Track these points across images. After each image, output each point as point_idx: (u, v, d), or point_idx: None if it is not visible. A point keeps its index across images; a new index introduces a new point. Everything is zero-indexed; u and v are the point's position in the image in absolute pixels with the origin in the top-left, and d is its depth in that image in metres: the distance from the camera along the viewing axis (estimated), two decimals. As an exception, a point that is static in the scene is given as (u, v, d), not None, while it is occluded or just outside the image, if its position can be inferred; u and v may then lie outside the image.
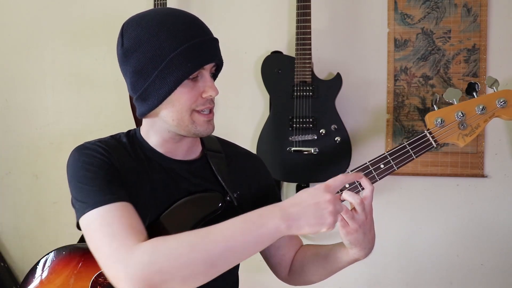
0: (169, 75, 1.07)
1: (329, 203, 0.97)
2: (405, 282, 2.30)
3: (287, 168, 2.19)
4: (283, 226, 0.95)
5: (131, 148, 1.19)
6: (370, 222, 1.11)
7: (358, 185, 1.10)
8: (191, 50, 1.07)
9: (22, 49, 2.61)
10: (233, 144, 1.36)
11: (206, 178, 1.22)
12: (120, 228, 0.99)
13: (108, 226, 1.00)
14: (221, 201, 1.18)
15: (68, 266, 1.16)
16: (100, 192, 1.04)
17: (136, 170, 1.15)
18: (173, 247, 0.95)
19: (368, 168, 1.13)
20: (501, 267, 2.21)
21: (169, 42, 1.07)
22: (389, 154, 1.13)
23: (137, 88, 1.12)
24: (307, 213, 0.96)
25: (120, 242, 0.97)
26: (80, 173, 1.07)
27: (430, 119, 1.16)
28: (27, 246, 2.69)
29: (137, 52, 1.09)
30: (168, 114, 1.13)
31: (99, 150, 1.11)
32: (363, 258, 1.17)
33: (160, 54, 1.07)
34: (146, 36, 1.08)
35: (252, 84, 2.37)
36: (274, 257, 1.35)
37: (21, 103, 2.63)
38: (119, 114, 2.45)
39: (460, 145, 1.17)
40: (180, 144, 1.20)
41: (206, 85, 1.12)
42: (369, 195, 1.08)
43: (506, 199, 2.19)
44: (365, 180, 1.09)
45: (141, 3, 2.45)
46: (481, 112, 1.16)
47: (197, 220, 1.15)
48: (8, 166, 2.68)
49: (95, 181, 1.06)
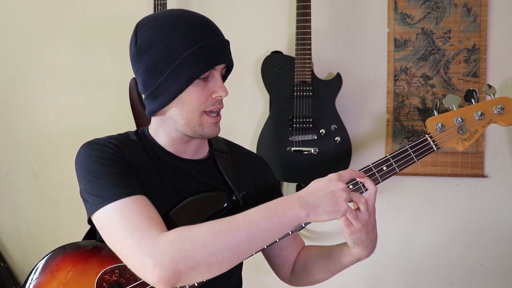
0: (181, 73, 1.09)
1: (343, 191, 1.04)
2: (405, 282, 2.30)
3: (287, 168, 2.19)
4: (303, 214, 1.01)
5: (141, 145, 1.20)
6: (373, 221, 1.14)
7: (361, 186, 1.13)
8: (204, 50, 1.10)
9: (22, 49, 2.61)
10: (238, 145, 1.38)
11: (213, 177, 1.24)
12: (141, 220, 1.01)
13: (127, 218, 1.01)
14: (227, 200, 1.20)
15: (72, 263, 1.16)
16: (115, 186, 1.05)
17: (146, 166, 1.17)
18: (199, 235, 0.97)
19: (371, 170, 1.16)
20: (501, 267, 2.21)
21: (182, 41, 1.09)
22: (391, 157, 1.17)
23: (149, 86, 1.14)
24: (324, 201, 1.02)
25: (143, 233, 0.98)
26: (94, 168, 1.08)
27: (430, 123, 1.20)
28: (27, 246, 2.69)
29: (150, 50, 1.11)
30: (177, 112, 1.14)
31: (110, 146, 1.13)
32: (366, 258, 1.19)
33: (173, 53, 1.09)
34: (160, 35, 1.10)
35: (252, 84, 2.37)
36: (278, 258, 1.36)
37: (21, 103, 2.64)
38: (119, 114, 2.45)
39: (459, 149, 1.22)
40: (188, 144, 1.22)
41: (216, 85, 1.14)
42: (372, 196, 1.12)
43: (506, 199, 2.19)
44: (368, 181, 1.12)
45: (141, 3, 2.45)
46: (480, 118, 1.20)
47: (203, 219, 1.16)
48: (8, 166, 2.68)
49: (110, 175, 1.07)
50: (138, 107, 2.27)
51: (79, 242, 1.23)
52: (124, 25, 2.49)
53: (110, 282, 1.14)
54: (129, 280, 1.14)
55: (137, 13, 2.45)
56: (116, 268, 1.14)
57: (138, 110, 2.27)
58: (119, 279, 1.14)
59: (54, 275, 1.16)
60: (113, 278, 1.14)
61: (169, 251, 0.95)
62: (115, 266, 1.14)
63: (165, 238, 0.97)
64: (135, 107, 2.28)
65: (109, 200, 1.04)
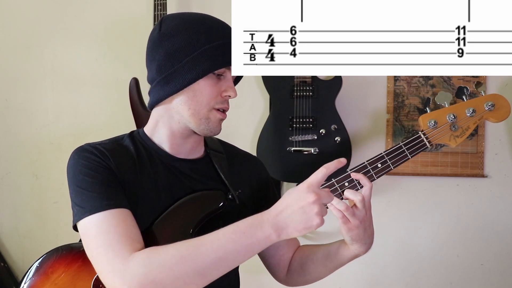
0: (200, 63, 1.12)
1: (313, 204, 0.99)
2: (405, 282, 2.30)
3: (287, 168, 2.19)
4: (274, 235, 0.99)
5: (134, 148, 1.20)
6: (370, 217, 1.15)
7: (357, 184, 1.14)
8: (224, 47, 1.14)
9: (22, 49, 2.61)
10: (233, 145, 1.39)
11: (209, 176, 1.24)
12: (116, 238, 1.02)
13: (103, 234, 1.03)
14: (223, 199, 1.20)
15: (68, 265, 1.16)
16: (97, 197, 1.06)
17: (137, 170, 1.16)
18: (166, 258, 0.98)
19: (366, 167, 1.17)
20: (501, 267, 2.21)
21: (206, 35, 1.14)
22: (386, 154, 1.18)
23: (164, 70, 1.15)
24: (294, 219, 0.99)
25: (116, 253, 1.00)
26: (79, 177, 1.09)
27: (423, 120, 1.22)
28: (27, 246, 2.69)
29: (174, 37, 1.14)
30: (185, 102, 1.15)
31: (97, 154, 1.12)
32: (364, 254, 1.20)
33: (196, 44, 1.13)
34: (185, 26, 1.15)
35: (252, 84, 2.37)
36: (273, 257, 1.36)
37: (21, 103, 2.63)
38: (119, 114, 2.45)
39: (451, 145, 1.23)
40: (186, 141, 1.22)
41: (228, 85, 1.17)
42: (368, 192, 1.12)
43: (506, 199, 2.20)
44: (364, 179, 1.13)
45: (141, 3, 2.45)
46: (471, 115, 1.22)
47: (200, 218, 1.17)
48: (8, 166, 2.68)
49: (93, 186, 1.08)
50: (138, 107, 2.27)
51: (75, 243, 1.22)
52: (124, 25, 2.50)
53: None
54: None
55: (137, 13, 2.46)
56: None
57: (138, 110, 2.27)
58: None
59: (49, 277, 1.16)
60: None
61: (137, 274, 0.97)
62: None
63: (134, 260, 0.99)
64: (135, 107, 2.28)
65: (90, 212, 1.05)
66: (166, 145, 1.21)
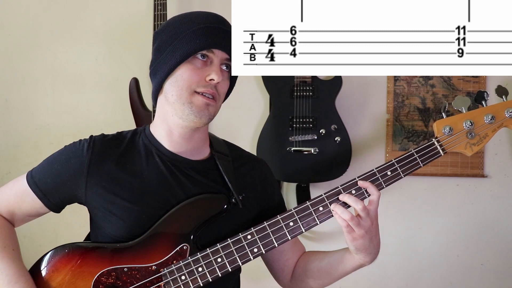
0: (179, 49, 1.13)
1: None
2: (405, 282, 2.30)
3: (287, 168, 2.19)
4: None
5: (127, 143, 1.22)
6: (376, 227, 1.11)
7: (364, 192, 1.10)
8: (205, 30, 1.13)
9: (22, 49, 2.61)
10: (239, 147, 1.36)
11: (213, 179, 1.23)
12: (3, 198, 1.26)
13: (8, 190, 1.26)
14: (226, 203, 1.18)
15: (69, 264, 1.15)
16: (39, 174, 1.22)
17: (120, 164, 1.18)
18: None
19: (375, 175, 1.12)
20: (501, 267, 2.21)
21: (188, 24, 1.15)
22: (396, 162, 1.13)
23: (152, 64, 1.19)
24: None
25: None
26: (53, 155, 1.25)
27: (438, 127, 1.15)
28: (27, 246, 2.68)
29: (162, 33, 1.18)
30: (170, 89, 1.16)
31: (82, 150, 1.22)
32: (368, 264, 1.16)
33: (177, 33, 1.15)
34: (173, 21, 1.19)
35: (252, 84, 2.37)
36: (277, 262, 1.33)
37: (21, 103, 2.63)
38: (119, 114, 2.45)
39: (467, 154, 1.15)
40: (189, 141, 1.21)
41: (212, 69, 1.15)
42: (375, 201, 1.08)
43: (506, 199, 2.19)
44: (371, 187, 1.09)
45: (141, 3, 2.45)
46: (490, 122, 1.15)
47: (201, 221, 1.16)
48: (8, 166, 2.68)
49: (47, 168, 1.22)
50: (138, 107, 2.27)
51: (76, 243, 1.21)
52: (124, 25, 2.49)
53: (106, 284, 1.13)
54: (125, 282, 1.13)
55: (137, 13, 2.46)
56: (113, 271, 1.13)
57: (138, 110, 2.27)
58: (116, 281, 1.13)
59: (50, 276, 1.16)
60: (110, 281, 1.13)
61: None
62: (112, 269, 1.13)
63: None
64: (135, 107, 2.28)
65: (26, 177, 1.24)
66: (165, 141, 1.21)
